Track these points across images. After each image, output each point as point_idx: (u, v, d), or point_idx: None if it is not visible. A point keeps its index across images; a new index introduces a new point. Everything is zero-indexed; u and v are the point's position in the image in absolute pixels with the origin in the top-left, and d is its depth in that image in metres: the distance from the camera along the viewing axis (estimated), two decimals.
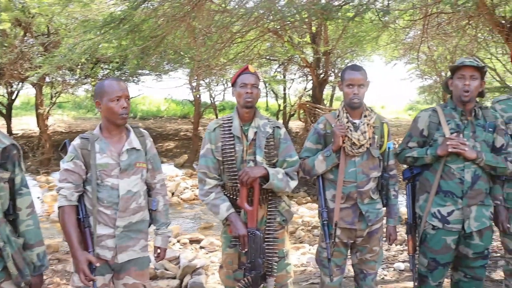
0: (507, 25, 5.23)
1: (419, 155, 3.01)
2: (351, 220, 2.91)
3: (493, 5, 5.41)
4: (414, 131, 3.10)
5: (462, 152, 2.83)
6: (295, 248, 6.45)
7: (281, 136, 2.91)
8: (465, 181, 2.88)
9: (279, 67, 15.27)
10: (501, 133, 2.97)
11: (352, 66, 2.96)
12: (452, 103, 3.02)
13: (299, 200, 9.93)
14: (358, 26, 8.67)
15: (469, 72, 2.87)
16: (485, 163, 2.86)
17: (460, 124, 2.95)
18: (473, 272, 3.05)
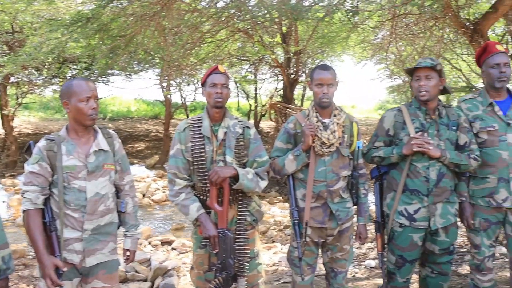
0: (471, 27, 5.36)
1: (386, 154, 3.07)
2: (322, 219, 2.93)
3: (457, 7, 5.53)
4: (380, 130, 3.15)
5: (426, 151, 2.89)
6: (267, 247, 6.46)
7: (251, 136, 2.91)
8: (430, 179, 2.95)
9: (250, 67, 15.27)
10: (464, 131, 3.05)
11: (321, 65, 2.98)
12: (416, 103, 3.09)
13: (270, 199, 9.95)
14: (328, 27, 8.74)
15: (424, 73, 2.95)
16: (449, 161, 2.93)
17: (424, 123, 3.01)
18: (439, 267, 3.13)
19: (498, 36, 7.27)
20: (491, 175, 3.06)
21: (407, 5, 5.05)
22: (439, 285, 3.18)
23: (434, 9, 5.11)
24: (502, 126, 3.06)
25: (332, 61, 14.40)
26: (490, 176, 3.06)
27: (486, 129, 3.08)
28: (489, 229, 3.13)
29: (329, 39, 9.85)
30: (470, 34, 5.37)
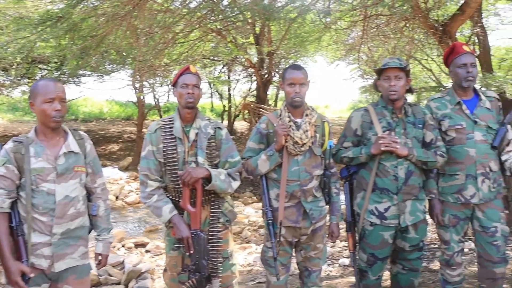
0: (440, 28, 5.47)
1: (354, 154, 3.10)
2: (296, 218, 2.95)
3: (427, 9, 5.63)
4: (348, 131, 3.19)
5: (394, 150, 2.94)
6: (242, 248, 6.46)
7: (222, 136, 2.90)
8: (399, 178, 3.00)
9: (224, 67, 15.25)
10: (430, 128, 3.11)
11: (293, 65, 3.00)
12: (382, 102, 3.14)
13: (245, 200, 9.96)
14: (300, 27, 8.79)
15: (393, 73, 3.00)
16: (417, 158, 2.99)
17: (391, 122, 3.07)
18: (410, 264, 3.19)
19: (465, 37, 7.43)
20: (460, 172, 3.13)
21: (377, 6, 5.11)
22: (410, 281, 3.24)
23: (404, 10, 5.20)
24: (469, 124, 3.13)
25: (305, 61, 14.49)
26: (458, 173, 3.13)
27: (455, 127, 3.14)
28: (458, 225, 3.19)
29: (302, 40, 9.90)
30: (439, 35, 5.48)
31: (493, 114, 3.20)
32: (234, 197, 10.29)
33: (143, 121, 15.48)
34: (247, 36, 10.64)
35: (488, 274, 3.17)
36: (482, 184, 3.10)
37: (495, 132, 3.13)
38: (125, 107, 23.15)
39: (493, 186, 3.13)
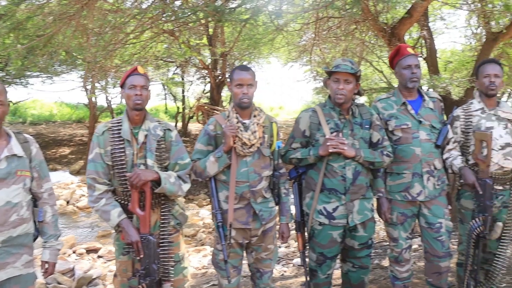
0: (389, 31, 5.62)
1: (303, 156, 3.13)
2: (246, 220, 2.94)
3: (376, 12, 5.77)
4: (296, 132, 3.20)
5: (342, 151, 2.98)
6: (196, 250, 6.43)
7: (172, 138, 2.86)
8: (347, 178, 3.04)
9: (177, 69, 15.08)
10: (376, 129, 3.18)
11: (241, 66, 2.99)
12: (330, 103, 3.17)
13: (199, 202, 9.90)
14: (254, 29, 8.82)
15: (344, 76, 3.03)
16: (364, 159, 3.05)
17: (339, 123, 3.10)
18: (360, 262, 3.24)
19: (414, 40, 7.67)
20: (406, 170, 3.21)
21: (328, 8, 5.19)
22: (360, 279, 3.29)
23: (353, 13, 5.30)
24: (414, 124, 3.22)
25: (259, 63, 14.55)
26: (405, 171, 3.21)
27: (401, 127, 3.23)
28: (405, 222, 3.28)
29: (255, 41, 9.94)
30: (388, 38, 5.63)
31: (436, 114, 3.31)
32: (188, 199, 10.21)
33: (95, 124, 15.09)
34: (201, 37, 10.58)
35: (434, 269, 3.27)
36: (427, 182, 3.19)
37: (439, 131, 3.25)
38: (76, 109, 22.50)
39: (437, 183, 3.23)
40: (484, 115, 3.26)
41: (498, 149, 3.16)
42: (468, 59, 8.09)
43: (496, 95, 3.27)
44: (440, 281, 3.29)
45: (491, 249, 3.31)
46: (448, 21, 9.69)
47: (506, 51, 7.10)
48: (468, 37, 7.95)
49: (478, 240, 3.17)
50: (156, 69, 13.19)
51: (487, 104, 3.28)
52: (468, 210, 3.28)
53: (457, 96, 6.93)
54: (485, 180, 3.08)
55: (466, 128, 3.28)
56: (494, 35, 5.95)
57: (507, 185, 3.25)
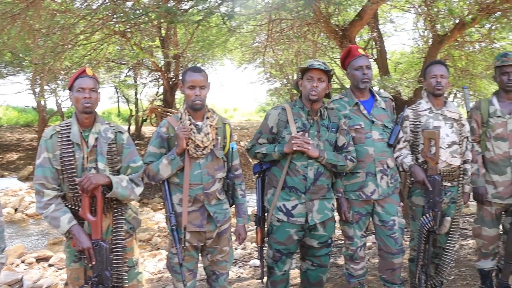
0: (340, 33, 5.71)
1: (268, 151, 3.14)
2: (200, 222, 2.91)
3: (328, 14, 5.86)
4: (264, 128, 3.22)
5: (305, 150, 3.00)
6: (152, 255, 6.32)
7: (124, 141, 2.79)
8: (308, 178, 3.07)
9: (130, 71, 14.80)
10: (343, 133, 3.22)
11: (193, 68, 2.96)
12: (300, 103, 3.20)
13: (154, 206, 9.75)
14: (207, 31, 8.77)
15: (317, 75, 3.06)
16: (327, 161, 3.08)
17: (306, 123, 3.13)
18: (319, 260, 3.28)
19: (364, 41, 7.82)
20: (360, 170, 3.26)
21: (280, 10, 5.22)
22: (318, 277, 3.33)
23: (305, 15, 5.35)
24: (367, 124, 3.28)
25: (213, 64, 14.50)
26: (359, 171, 3.27)
27: (354, 127, 3.28)
28: (360, 221, 3.34)
29: (208, 43, 9.89)
30: (340, 39, 5.73)
31: (388, 113, 3.39)
32: (142, 203, 10.03)
33: (44, 128, 14.58)
34: (153, 39, 10.43)
35: (388, 265, 3.34)
36: (381, 181, 3.26)
37: (390, 130, 3.33)
38: (23, 113, 21.67)
39: (390, 182, 3.31)
40: (431, 114, 3.36)
41: (445, 147, 3.26)
42: (416, 61, 8.34)
43: (443, 95, 3.38)
44: (394, 277, 3.36)
45: (440, 244, 3.42)
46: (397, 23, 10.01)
47: (451, 53, 7.36)
48: (416, 40, 8.20)
49: (428, 236, 3.26)
50: (108, 71, 12.90)
51: (435, 104, 3.38)
52: (419, 207, 3.37)
53: (407, 97, 7.12)
54: (434, 177, 3.18)
55: (415, 127, 3.37)
56: (440, 38, 6.16)
57: (455, 181, 3.36)
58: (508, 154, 3.37)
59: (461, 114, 3.43)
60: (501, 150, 3.39)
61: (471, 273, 4.28)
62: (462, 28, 5.85)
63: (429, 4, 6.07)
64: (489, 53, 7.15)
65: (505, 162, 3.39)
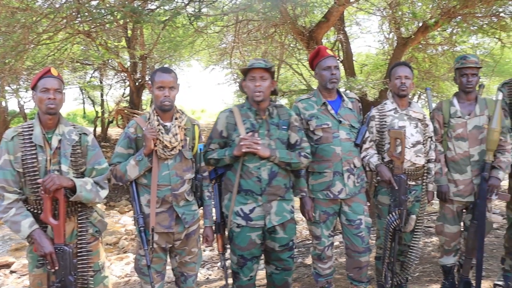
0: (307, 34, 5.77)
1: (219, 156, 3.11)
2: (168, 223, 2.88)
3: (295, 15, 5.90)
4: (214, 133, 3.20)
5: (255, 151, 2.99)
6: (119, 258, 6.22)
7: (88, 143, 2.74)
8: (262, 179, 3.05)
9: (95, 72, 14.52)
10: (294, 130, 3.21)
11: (162, 68, 2.93)
12: (248, 104, 3.19)
13: (121, 209, 9.60)
14: (174, 31, 8.70)
15: (259, 73, 3.05)
16: (279, 160, 3.06)
17: (255, 123, 3.11)
18: (282, 264, 3.24)
19: (331, 43, 7.92)
20: (328, 169, 3.30)
21: (247, 11, 5.23)
22: (284, 280, 3.30)
23: (272, 16, 5.38)
24: (334, 123, 3.32)
25: (180, 65, 14.39)
26: (326, 170, 3.30)
27: (321, 126, 3.31)
28: (327, 220, 3.37)
29: (175, 44, 9.81)
30: (307, 41, 5.78)
31: (355, 114, 3.44)
32: (109, 206, 9.86)
33: (5, 130, 14.12)
34: (119, 39, 10.28)
35: (355, 264, 3.39)
36: (348, 180, 3.30)
37: (357, 130, 3.37)
38: None
39: (357, 181, 3.35)
40: (397, 115, 3.42)
41: (410, 147, 3.33)
42: (381, 62, 8.50)
43: (407, 96, 3.45)
44: (361, 275, 3.41)
45: (406, 241, 3.48)
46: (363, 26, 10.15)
47: (415, 55, 7.54)
48: (381, 42, 8.37)
49: (394, 234, 3.32)
50: (72, 72, 12.61)
51: (400, 104, 3.45)
52: (385, 206, 3.42)
53: (373, 97, 7.25)
54: (399, 176, 3.24)
55: (381, 127, 3.42)
56: (404, 40, 6.30)
57: (419, 180, 3.43)
58: (468, 154, 3.47)
59: (425, 114, 3.51)
60: (462, 149, 3.49)
61: (434, 270, 4.39)
62: (425, 31, 6.00)
63: (393, 7, 6.20)
64: (450, 56, 7.36)
65: (465, 161, 3.48)
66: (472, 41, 7.84)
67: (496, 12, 5.76)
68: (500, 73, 9.92)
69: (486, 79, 9.73)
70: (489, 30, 6.28)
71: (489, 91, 10.79)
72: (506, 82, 3.74)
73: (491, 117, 3.37)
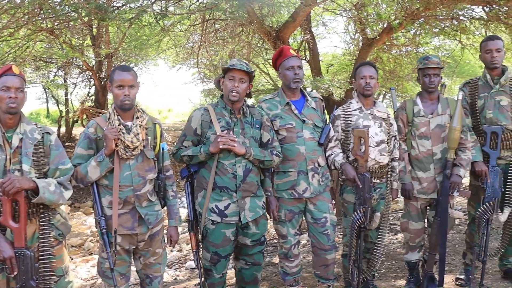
0: (274, 34, 5.78)
1: (194, 153, 3.12)
2: (131, 225, 2.85)
3: (261, 15, 5.91)
4: (188, 130, 3.20)
5: (232, 148, 3.02)
6: (84, 261, 6.12)
7: (51, 142, 2.66)
8: (237, 176, 3.09)
9: (59, 70, 14.17)
10: (266, 129, 3.27)
11: (121, 66, 2.89)
12: (222, 103, 3.21)
13: (86, 210, 9.43)
14: (140, 30, 8.59)
15: (239, 75, 3.09)
16: (254, 157, 3.11)
17: (230, 122, 3.15)
18: (252, 258, 3.30)
19: (298, 43, 7.97)
20: (292, 168, 3.32)
21: (214, 10, 5.21)
22: (253, 275, 3.35)
23: (239, 16, 5.37)
24: (298, 123, 3.35)
25: (146, 65, 14.19)
26: (291, 169, 3.33)
27: (285, 126, 3.34)
28: (293, 219, 3.39)
29: (141, 42, 9.69)
30: (274, 41, 5.79)
31: (318, 113, 3.48)
32: (74, 207, 9.66)
33: None
34: (84, 37, 10.08)
35: (322, 261, 3.42)
36: (312, 179, 3.33)
37: (321, 130, 3.41)
38: None
39: (322, 180, 3.39)
40: (361, 114, 3.47)
41: (374, 146, 3.38)
42: (347, 63, 8.59)
43: (372, 95, 3.50)
44: (327, 272, 3.45)
45: (371, 239, 3.54)
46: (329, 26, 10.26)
47: (380, 56, 7.66)
48: (347, 42, 8.42)
49: (360, 231, 3.37)
50: (35, 70, 12.28)
51: (365, 104, 3.50)
52: (350, 204, 3.47)
53: (339, 97, 7.33)
54: (364, 174, 3.29)
55: (346, 126, 3.46)
56: (370, 41, 6.39)
57: (383, 178, 3.49)
58: (431, 152, 3.55)
59: (389, 113, 3.57)
60: (425, 148, 3.56)
61: (400, 266, 4.47)
62: (390, 32, 6.11)
63: (359, 8, 6.28)
64: (414, 56, 7.51)
65: (428, 159, 3.56)
66: (435, 43, 8.01)
67: (456, 15, 5.93)
68: (461, 74, 10.19)
69: (447, 79, 9.98)
70: (450, 32, 6.45)
71: (451, 91, 11.07)
72: (466, 82, 3.84)
73: (452, 116, 3.45)
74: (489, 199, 3.52)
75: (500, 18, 5.56)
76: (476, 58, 7.34)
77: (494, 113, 3.62)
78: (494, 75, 3.67)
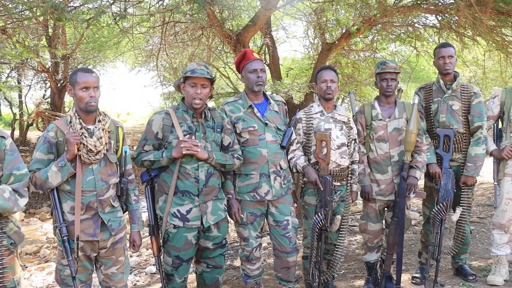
0: (234, 38, 5.80)
1: (155, 158, 3.09)
2: (93, 231, 2.78)
3: (222, 18, 5.92)
4: (149, 134, 3.16)
5: (195, 153, 3.01)
6: (40, 268, 5.92)
7: (6, 147, 2.54)
8: (200, 180, 3.09)
9: (12, 71, 13.70)
10: (227, 133, 3.28)
11: (84, 69, 2.82)
12: (183, 106, 3.19)
13: (42, 216, 9.13)
14: (98, 31, 8.43)
15: (201, 81, 3.08)
16: (216, 161, 3.12)
17: (192, 126, 3.14)
18: (214, 261, 3.30)
19: (258, 47, 8.01)
20: (254, 171, 3.34)
21: (174, 12, 5.17)
22: (215, 278, 3.34)
23: (199, 18, 5.35)
24: (261, 126, 3.37)
25: (104, 67, 13.92)
26: (253, 172, 3.34)
27: (248, 129, 3.35)
28: (255, 221, 3.41)
29: (100, 44, 9.50)
30: (234, 44, 5.81)
31: (281, 116, 3.51)
32: (29, 213, 9.35)
33: None
34: (39, 37, 9.79)
35: (283, 264, 3.45)
36: (274, 182, 3.36)
37: (283, 133, 3.44)
38: None
39: (283, 182, 3.42)
40: (323, 117, 3.52)
41: (335, 149, 3.44)
42: (307, 67, 8.70)
43: (333, 99, 3.56)
44: (289, 275, 3.47)
45: (331, 240, 3.59)
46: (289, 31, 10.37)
47: (339, 60, 7.81)
48: (307, 47, 8.52)
49: (320, 233, 3.41)
50: None
51: (326, 107, 3.55)
52: (311, 206, 3.51)
53: (298, 101, 7.41)
54: (325, 177, 3.33)
55: (307, 129, 3.51)
56: (329, 46, 6.51)
57: (344, 181, 3.55)
58: (389, 155, 3.64)
59: (349, 117, 3.65)
60: (383, 150, 3.66)
61: (359, 266, 4.56)
62: (348, 37, 6.24)
63: (318, 13, 6.38)
64: (371, 61, 7.70)
65: (386, 162, 3.66)
66: (391, 49, 8.24)
67: (411, 22, 6.13)
68: (416, 79, 10.51)
69: (403, 84, 10.26)
70: (406, 38, 6.66)
71: (407, 95, 11.39)
72: (422, 86, 3.98)
73: (409, 120, 3.56)
74: (442, 200, 3.64)
75: (451, 27, 5.78)
76: (430, 64, 7.59)
77: (447, 117, 3.76)
78: (447, 81, 3.81)
